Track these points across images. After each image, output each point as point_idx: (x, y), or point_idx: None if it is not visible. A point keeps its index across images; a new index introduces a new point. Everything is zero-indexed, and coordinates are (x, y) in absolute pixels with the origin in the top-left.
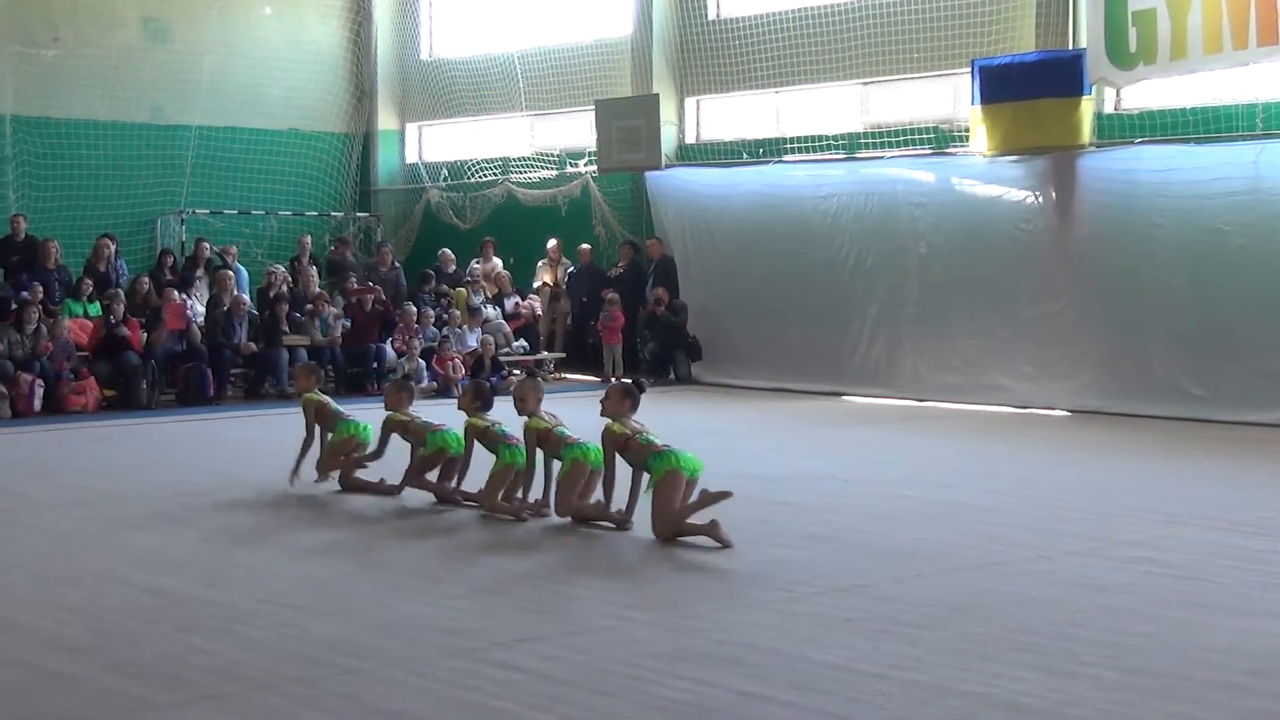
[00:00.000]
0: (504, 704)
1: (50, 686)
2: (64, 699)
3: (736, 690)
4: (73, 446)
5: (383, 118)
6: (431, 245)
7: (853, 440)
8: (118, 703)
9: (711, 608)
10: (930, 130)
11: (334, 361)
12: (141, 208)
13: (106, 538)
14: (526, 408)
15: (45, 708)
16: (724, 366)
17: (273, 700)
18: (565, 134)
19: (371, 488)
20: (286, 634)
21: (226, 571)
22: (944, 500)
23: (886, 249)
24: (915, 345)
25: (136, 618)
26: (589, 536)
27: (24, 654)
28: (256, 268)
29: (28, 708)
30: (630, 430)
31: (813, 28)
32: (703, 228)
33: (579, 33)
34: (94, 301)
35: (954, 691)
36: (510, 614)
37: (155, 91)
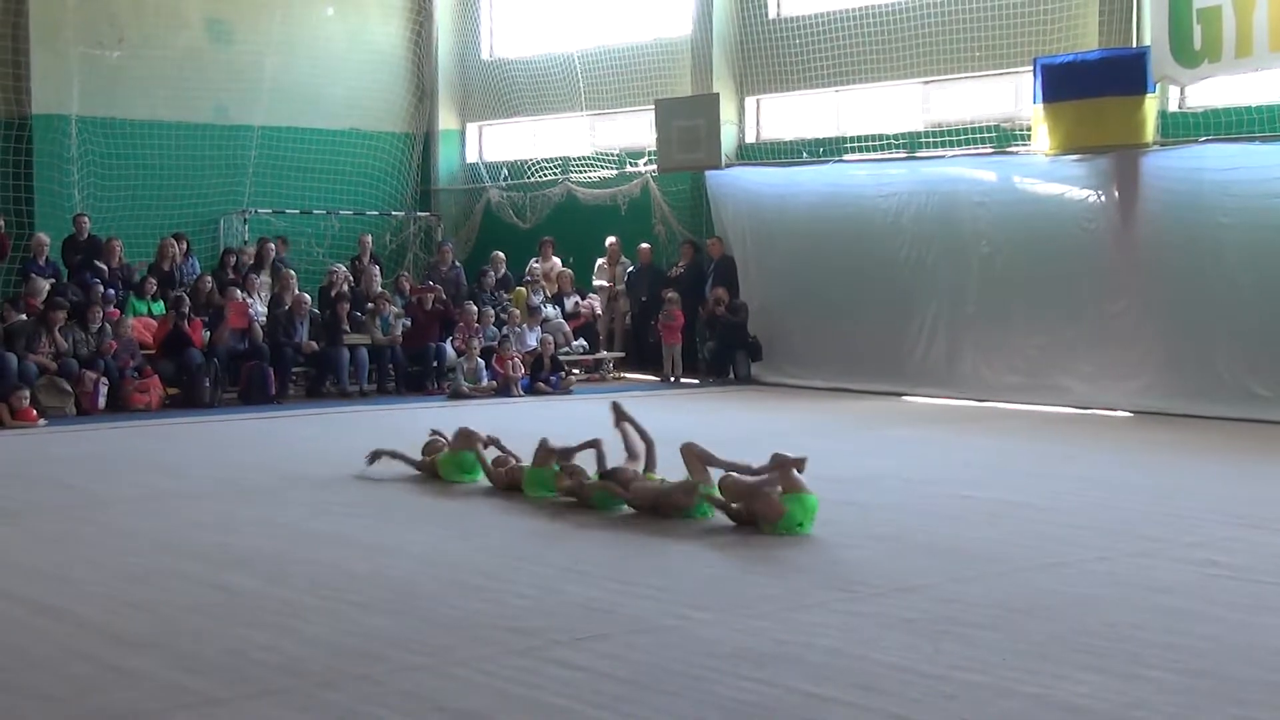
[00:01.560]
0: (565, 702)
1: (114, 680)
2: (127, 693)
3: (798, 690)
4: (136, 444)
5: (443, 117)
6: (492, 245)
7: (914, 440)
8: (180, 697)
9: (773, 607)
10: (992, 129)
11: (394, 360)
12: (205, 207)
13: (169, 534)
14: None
15: (109, 701)
16: (784, 366)
17: (334, 696)
18: (625, 133)
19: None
20: (348, 630)
21: (289, 568)
22: (1005, 500)
23: (947, 248)
24: (976, 345)
25: (199, 613)
26: (651, 536)
27: (89, 648)
28: (318, 267)
29: (92, 701)
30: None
31: (873, 26)
32: (763, 227)
33: (639, 32)
34: (158, 300)
35: (1015, 693)
36: (572, 612)
37: (218, 92)
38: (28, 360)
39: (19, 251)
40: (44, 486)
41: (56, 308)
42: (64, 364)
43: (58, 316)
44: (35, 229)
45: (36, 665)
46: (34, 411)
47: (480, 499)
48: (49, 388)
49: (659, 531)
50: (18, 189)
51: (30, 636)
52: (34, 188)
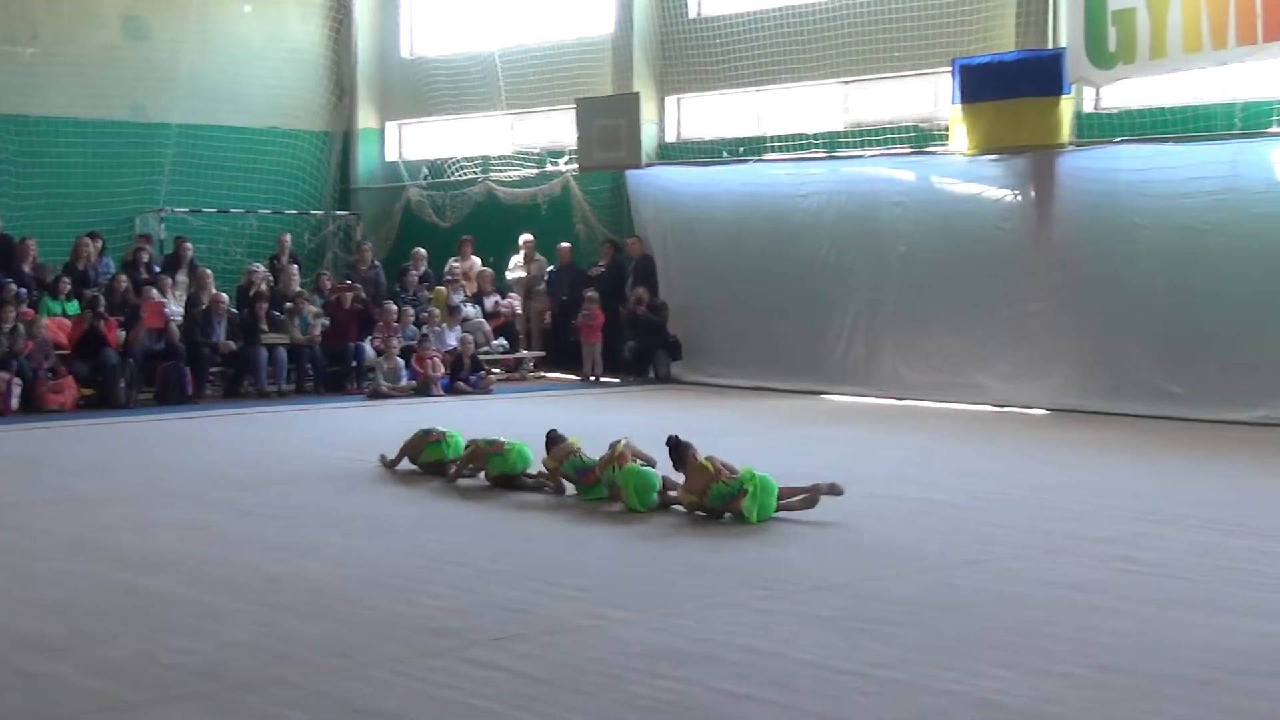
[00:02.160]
0: (482, 702)
1: (25, 686)
2: (41, 698)
3: (716, 689)
4: (50, 446)
5: (363, 116)
6: (411, 244)
7: (833, 439)
8: (93, 702)
9: (692, 606)
10: (910, 129)
11: (313, 360)
12: (120, 206)
13: (84, 537)
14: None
15: (19, 707)
16: (704, 365)
17: (251, 699)
18: (546, 132)
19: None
20: (266, 633)
21: (205, 571)
22: (923, 499)
23: (866, 248)
24: (895, 344)
25: (115, 617)
26: (570, 536)
27: (1, 653)
28: (236, 266)
29: (4, 707)
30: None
31: (793, 26)
32: (683, 226)
33: (560, 31)
34: (72, 300)
35: (932, 690)
36: (490, 613)
37: (135, 89)
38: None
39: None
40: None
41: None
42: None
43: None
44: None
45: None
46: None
47: (400, 500)
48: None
49: (578, 532)
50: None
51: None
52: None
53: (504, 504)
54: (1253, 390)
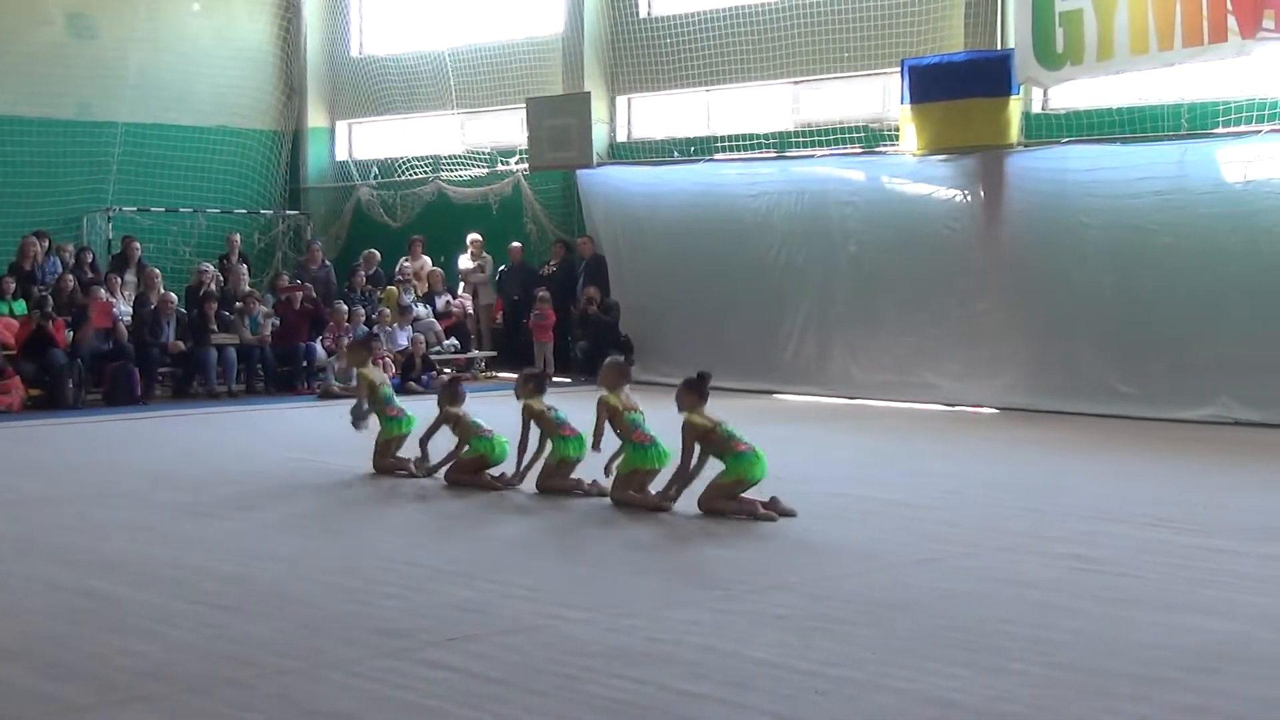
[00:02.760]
0: (437, 703)
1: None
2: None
3: (671, 689)
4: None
5: (312, 115)
6: (362, 243)
7: (785, 438)
8: (45, 705)
9: (645, 606)
10: (860, 129)
11: (263, 360)
12: (67, 205)
13: (32, 539)
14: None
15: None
16: (656, 365)
17: (203, 701)
18: (496, 132)
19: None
20: (217, 635)
21: (155, 572)
22: (875, 498)
23: (817, 247)
24: (846, 343)
25: (64, 619)
26: (525, 536)
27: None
28: (185, 265)
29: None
30: (711, 422)
31: (743, 27)
32: (634, 226)
33: (510, 30)
34: (19, 300)
35: (886, 688)
36: (444, 613)
37: (81, 88)
38: None
39: None
40: None
41: None
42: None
43: None
44: None
45: None
46: None
47: (352, 500)
48: None
49: (529, 532)
50: None
51: None
52: None
53: (456, 504)
54: (1202, 389)
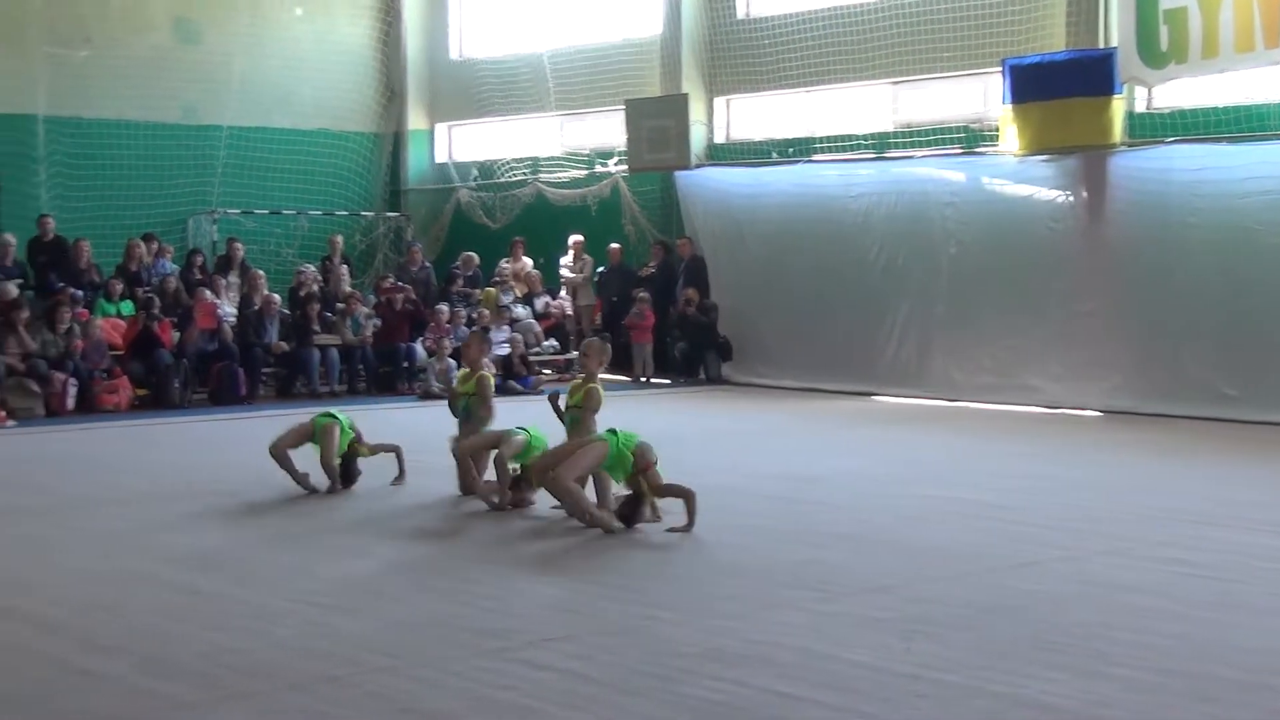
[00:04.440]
0: (534, 703)
1: (82, 684)
2: (95, 697)
3: (769, 690)
4: (106, 445)
5: (412, 117)
6: (461, 245)
7: (884, 440)
8: (149, 702)
9: (743, 607)
10: (960, 130)
11: (365, 361)
12: (173, 208)
13: (139, 536)
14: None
15: (77, 706)
16: (754, 366)
17: (303, 699)
18: (595, 134)
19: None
20: (317, 633)
21: (257, 570)
22: (975, 500)
23: (917, 248)
24: (946, 345)
25: (168, 616)
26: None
27: (57, 652)
28: (288, 267)
29: (60, 706)
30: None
31: (843, 27)
32: (733, 228)
33: (608, 32)
34: (126, 301)
35: (985, 692)
36: (540, 613)
37: (187, 92)
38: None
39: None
40: (12, 488)
41: (20, 307)
42: (32, 365)
43: (21, 316)
44: (1, 229)
45: (4, 669)
46: (3, 413)
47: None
48: (17, 389)
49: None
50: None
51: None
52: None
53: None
54: None
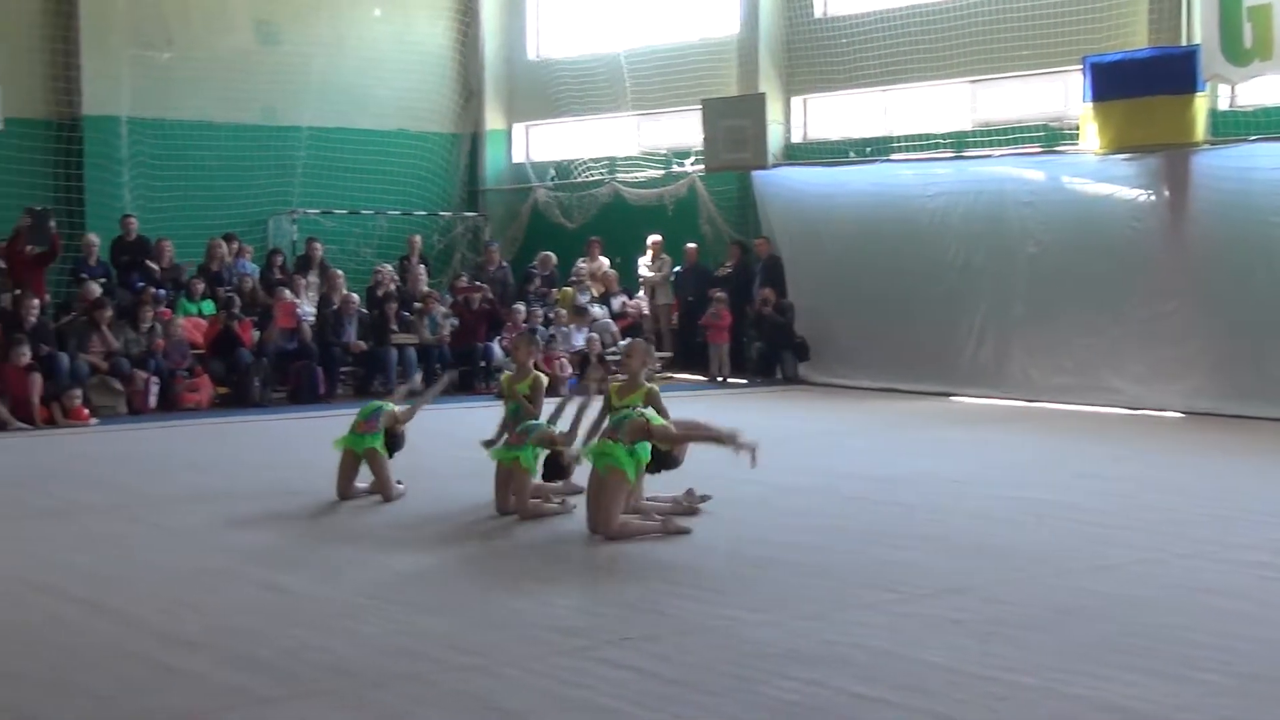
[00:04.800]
0: (614, 702)
1: (166, 680)
2: (180, 693)
3: (846, 691)
4: (187, 443)
5: (490, 117)
6: (539, 245)
7: (961, 441)
8: (232, 697)
9: (821, 608)
10: (1040, 128)
11: (442, 360)
12: (254, 208)
13: (221, 534)
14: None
15: (162, 702)
16: (831, 366)
17: (384, 696)
18: (672, 133)
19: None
20: (399, 630)
21: (338, 568)
22: (1054, 501)
23: (995, 248)
24: (1024, 345)
25: (251, 613)
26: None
27: (142, 648)
28: (367, 267)
29: (144, 701)
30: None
31: (920, 25)
32: (810, 227)
33: (685, 32)
34: (207, 300)
35: (1063, 694)
36: (620, 612)
37: (267, 93)
38: (79, 360)
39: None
40: (96, 485)
41: (103, 306)
42: (115, 363)
43: (104, 315)
44: (86, 229)
45: (88, 665)
46: (86, 410)
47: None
48: (101, 387)
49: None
50: (69, 190)
51: (82, 636)
52: (85, 188)
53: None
54: None
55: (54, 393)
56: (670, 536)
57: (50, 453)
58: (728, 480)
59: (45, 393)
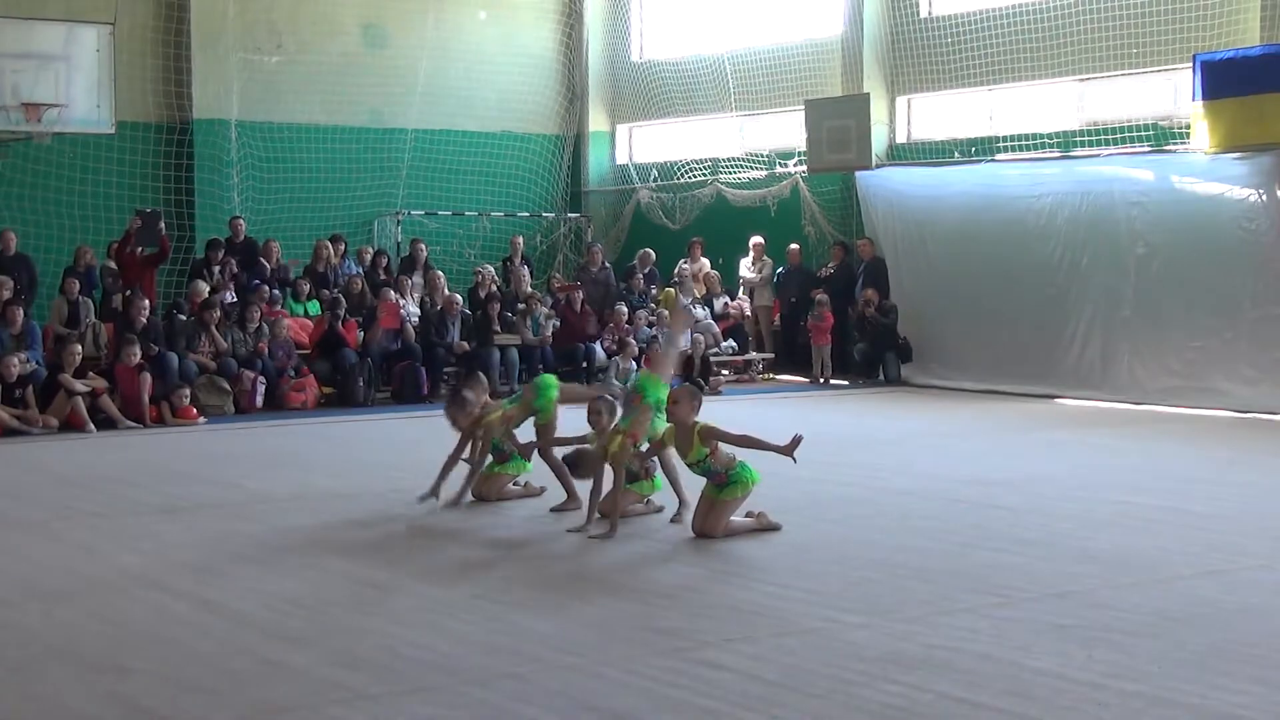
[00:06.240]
0: (712, 703)
1: (270, 675)
2: (285, 687)
3: (948, 696)
4: (293, 442)
5: (594, 119)
6: (641, 245)
7: (1067, 444)
8: (334, 693)
9: (923, 611)
10: (1149, 127)
11: (545, 360)
12: (359, 209)
13: (326, 532)
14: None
15: (265, 695)
16: (934, 368)
17: (484, 694)
18: (775, 134)
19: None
20: (499, 629)
21: (439, 567)
22: (1161, 506)
23: (1102, 249)
24: (1132, 347)
25: (353, 610)
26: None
27: (248, 643)
28: (470, 268)
29: (249, 695)
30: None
31: (1027, 24)
32: (914, 228)
33: (789, 33)
34: (313, 301)
35: (1172, 703)
36: (720, 613)
37: (373, 96)
38: (188, 359)
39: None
40: (204, 483)
41: (211, 307)
42: (223, 363)
43: (213, 316)
44: (195, 231)
45: (196, 659)
46: (194, 410)
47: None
48: (208, 386)
49: (803, 533)
50: (179, 192)
51: (191, 631)
52: (194, 191)
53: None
54: None
55: (163, 392)
56: (767, 530)
57: (159, 451)
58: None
59: (155, 392)
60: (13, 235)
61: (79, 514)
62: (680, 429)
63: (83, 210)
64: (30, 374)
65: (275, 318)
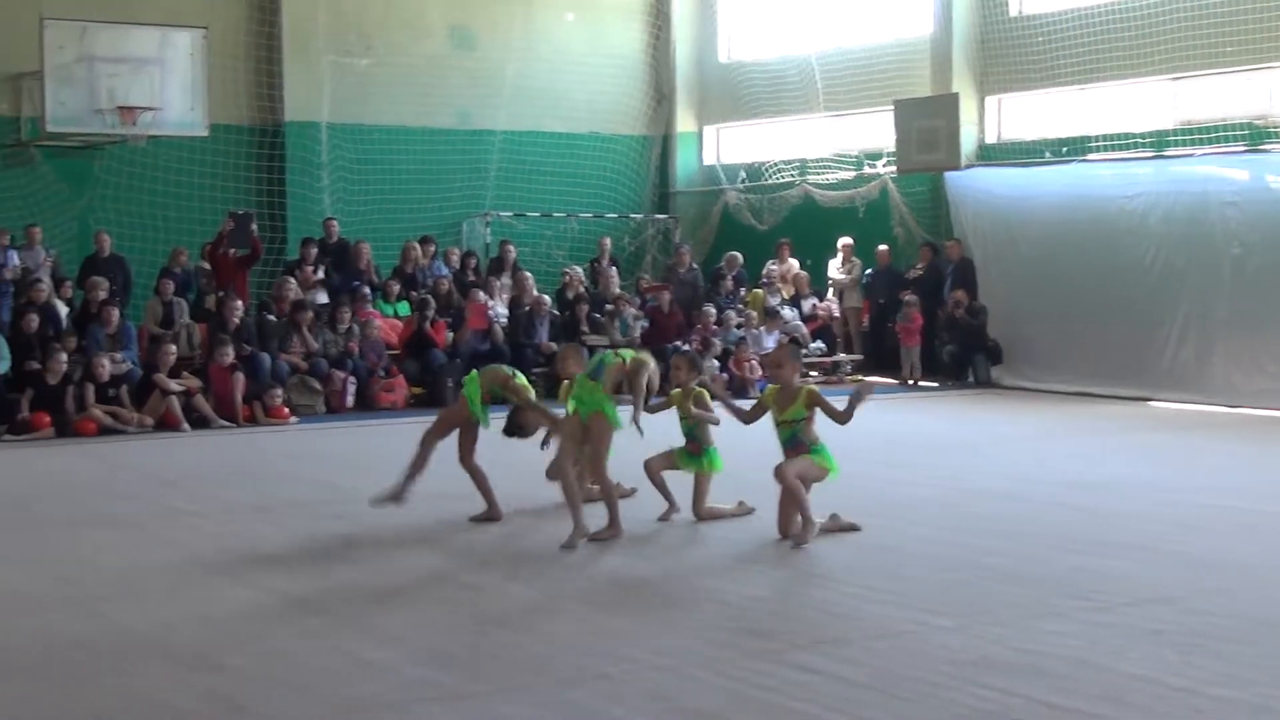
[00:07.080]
0: (803, 706)
1: (363, 672)
2: (377, 685)
3: (1039, 700)
4: (383, 442)
5: (681, 120)
6: (729, 247)
7: (1160, 446)
8: (426, 691)
9: (1015, 615)
10: (1245, 126)
11: None
12: (448, 211)
13: (417, 531)
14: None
15: (359, 693)
16: (1025, 370)
17: (575, 695)
18: (863, 135)
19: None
20: (590, 629)
21: (531, 566)
22: (1258, 511)
23: (1196, 250)
24: (1227, 349)
25: (446, 608)
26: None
27: (339, 640)
28: (558, 269)
29: (344, 693)
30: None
31: (1120, 21)
32: (1003, 229)
33: (878, 33)
34: (402, 301)
35: (1267, 709)
36: (811, 615)
37: (461, 97)
38: (280, 360)
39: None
40: (296, 482)
41: (303, 308)
42: (314, 363)
43: (305, 317)
44: (288, 233)
45: (288, 656)
46: (286, 409)
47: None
48: (300, 386)
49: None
50: (271, 194)
51: (283, 628)
52: (286, 192)
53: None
54: None
55: (256, 392)
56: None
57: (252, 450)
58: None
59: (247, 392)
60: (107, 237)
61: (174, 512)
62: (785, 390)
63: (177, 212)
64: (125, 373)
65: (366, 318)
